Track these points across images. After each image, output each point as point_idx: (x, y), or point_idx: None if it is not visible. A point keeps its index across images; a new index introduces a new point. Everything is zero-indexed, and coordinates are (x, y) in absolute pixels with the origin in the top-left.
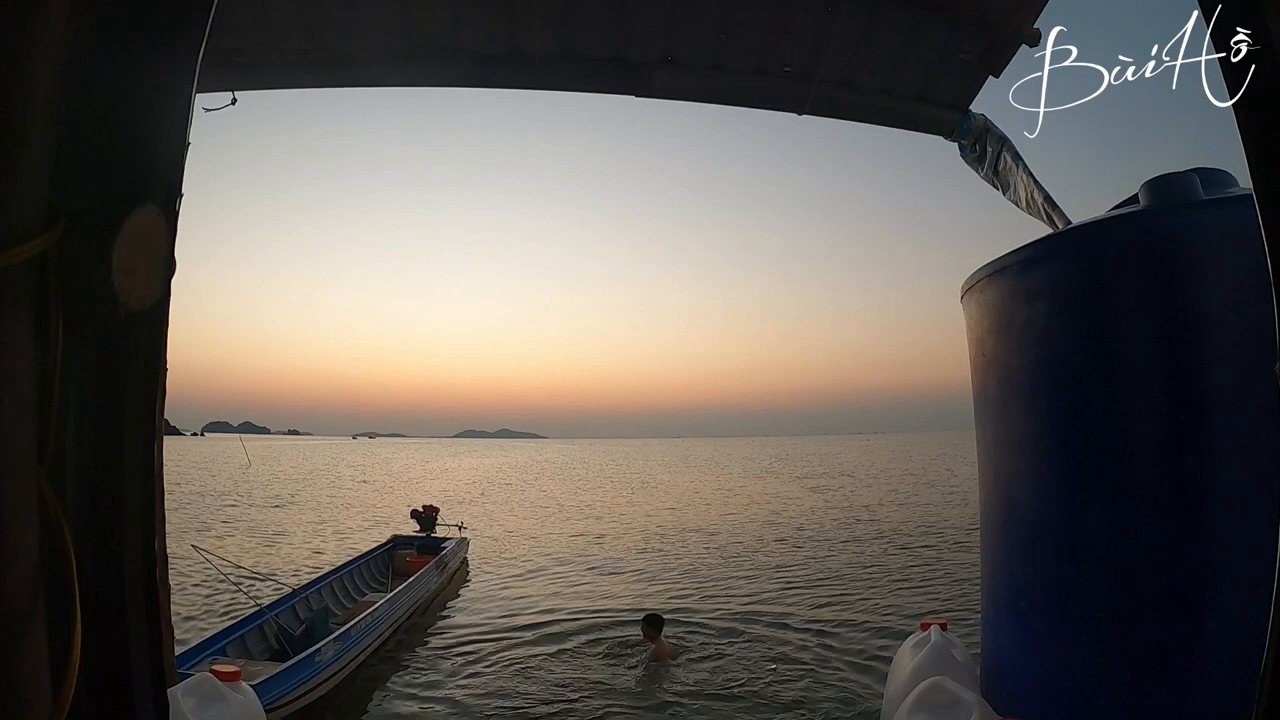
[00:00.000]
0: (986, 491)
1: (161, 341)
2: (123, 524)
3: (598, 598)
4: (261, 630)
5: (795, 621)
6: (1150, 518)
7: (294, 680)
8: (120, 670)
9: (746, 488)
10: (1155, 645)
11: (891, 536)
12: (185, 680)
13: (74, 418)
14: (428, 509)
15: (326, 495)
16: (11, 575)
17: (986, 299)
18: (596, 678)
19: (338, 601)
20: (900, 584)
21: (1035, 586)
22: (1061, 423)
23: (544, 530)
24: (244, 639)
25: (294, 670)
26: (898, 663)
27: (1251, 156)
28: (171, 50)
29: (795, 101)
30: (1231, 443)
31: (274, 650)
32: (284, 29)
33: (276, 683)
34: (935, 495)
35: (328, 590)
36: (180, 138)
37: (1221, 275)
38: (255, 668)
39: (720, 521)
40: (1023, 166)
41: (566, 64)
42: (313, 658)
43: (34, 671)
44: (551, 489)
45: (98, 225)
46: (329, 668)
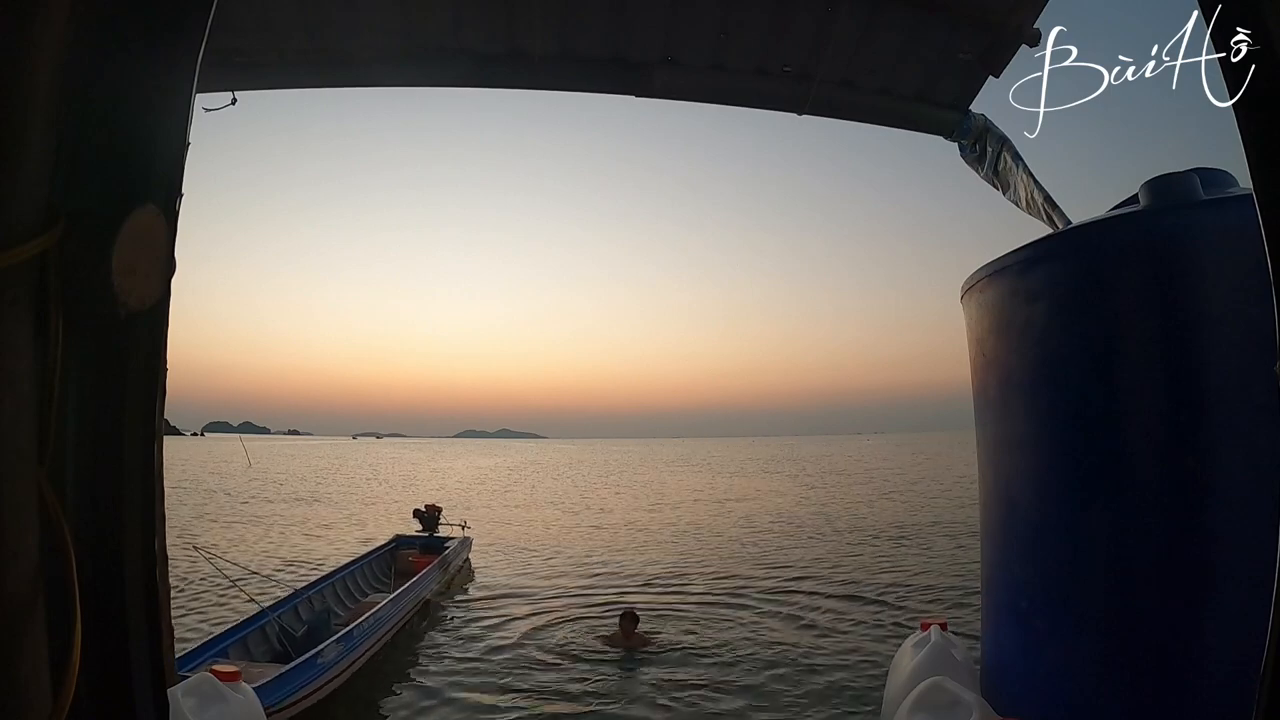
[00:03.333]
0: (986, 491)
1: (161, 341)
2: (123, 524)
3: (597, 596)
4: (263, 631)
5: (794, 620)
6: (1150, 518)
7: (296, 682)
8: (120, 670)
9: (745, 487)
10: (1155, 645)
11: (894, 533)
12: (185, 680)
13: (74, 418)
14: (430, 508)
15: (347, 492)
16: (11, 575)
17: (986, 299)
18: (591, 676)
19: (340, 602)
20: (901, 582)
21: (1035, 586)
22: (1061, 423)
23: (545, 529)
24: (245, 640)
25: (297, 672)
26: (897, 663)
27: (1251, 156)
28: (171, 50)
29: (795, 101)
30: (1231, 443)
31: (276, 651)
32: (284, 29)
33: (279, 685)
34: (936, 492)
35: (330, 591)
36: (180, 138)
37: (1221, 275)
38: (257, 669)
39: (720, 520)
40: (1023, 166)
41: (566, 64)
42: (315, 659)
43: (34, 671)
44: (553, 488)
45: (98, 225)
46: (332, 669)
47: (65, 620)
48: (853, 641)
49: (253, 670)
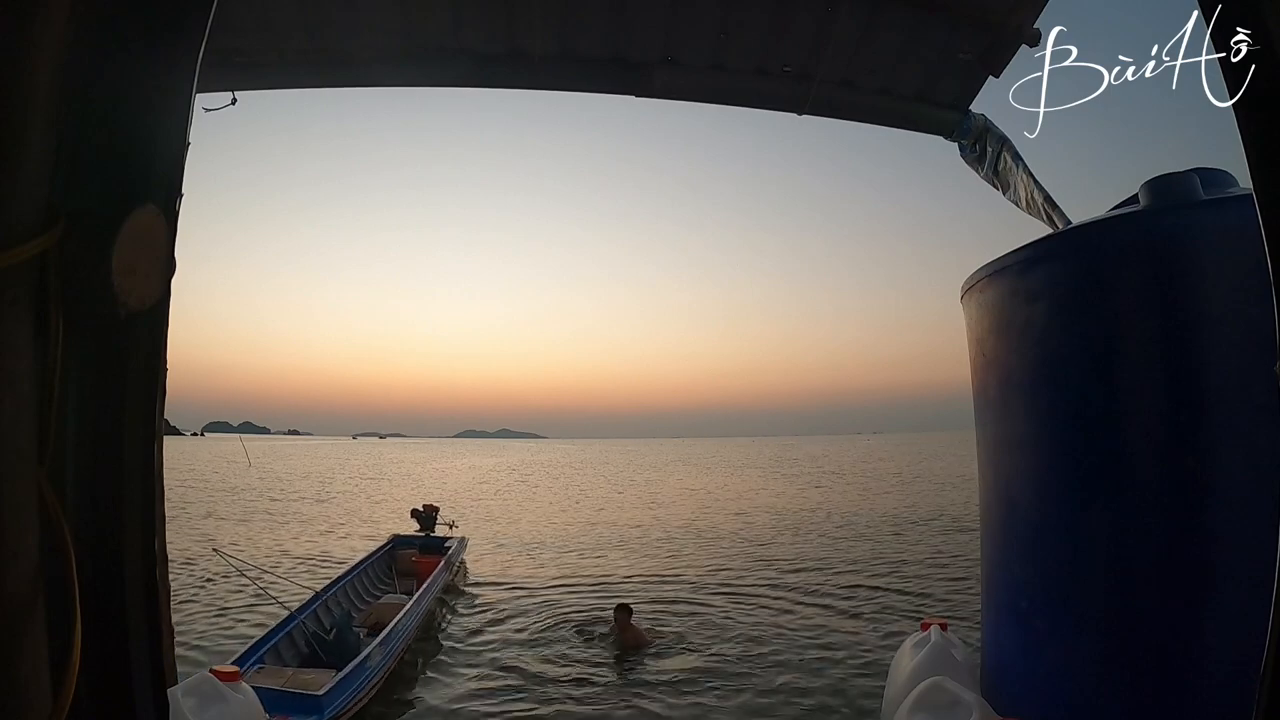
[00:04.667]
0: (986, 491)
1: (161, 341)
2: (123, 524)
3: (594, 592)
4: (291, 636)
5: (794, 620)
6: (1150, 518)
7: (354, 685)
8: (120, 670)
9: (745, 486)
10: (1155, 645)
11: (893, 532)
12: (185, 680)
13: (74, 418)
14: (428, 508)
15: (355, 490)
16: (11, 575)
17: (986, 299)
18: (589, 670)
19: (352, 604)
20: (899, 582)
21: (1035, 586)
22: (1061, 423)
23: (546, 528)
24: (278, 647)
25: (353, 676)
26: (898, 663)
27: (1251, 156)
28: (171, 50)
29: (795, 101)
30: (1231, 443)
31: (304, 655)
32: (284, 29)
33: (341, 689)
34: (936, 491)
35: (342, 594)
36: (180, 138)
37: (1221, 275)
38: (307, 675)
39: (720, 521)
40: (1023, 166)
41: (566, 64)
42: (365, 663)
43: (34, 671)
44: (553, 488)
45: (98, 225)
46: (380, 671)
47: (65, 620)
48: (852, 641)
49: (302, 676)
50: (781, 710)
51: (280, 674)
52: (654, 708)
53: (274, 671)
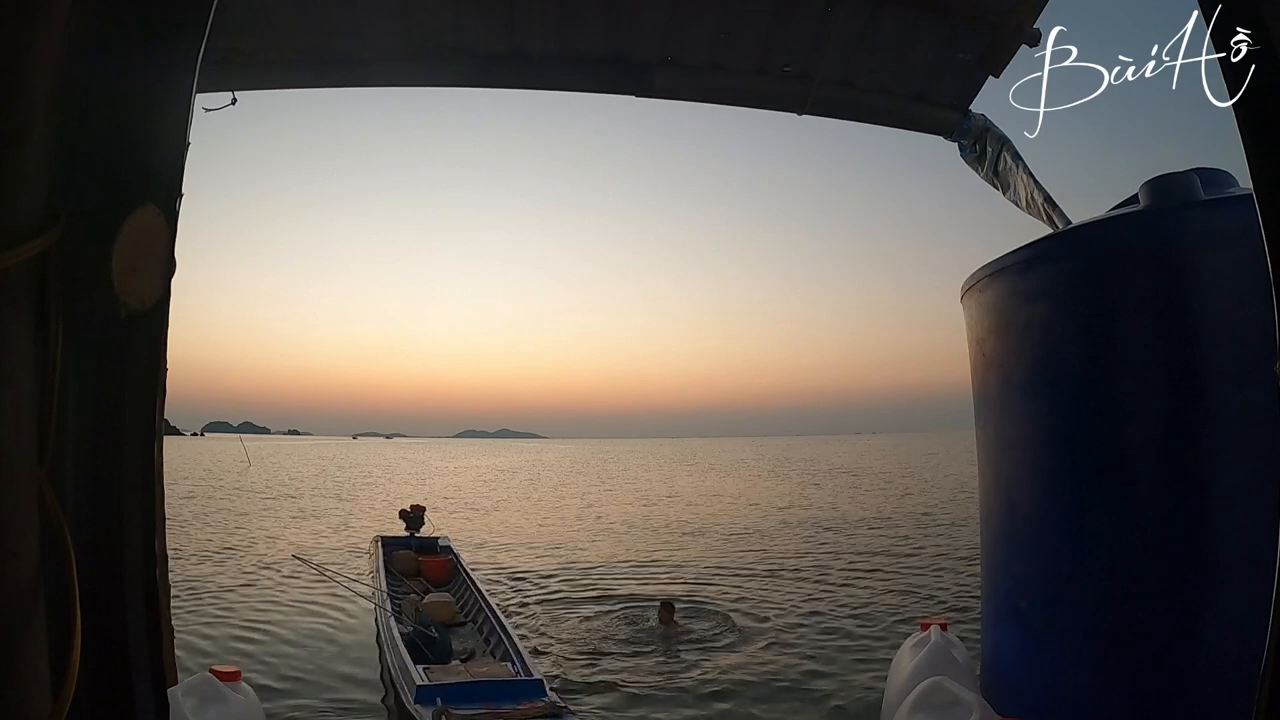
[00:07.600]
0: (986, 491)
1: (161, 341)
2: (123, 524)
3: (592, 591)
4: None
5: (794, 618)
6: (1150, 517)
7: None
8: (120, 670)
9: (745, 485)
10: (1155, 645)
11: (893, 532)
12: (185, 680)
13: (74, 418)
14: (415, 509)
15: (370, 489)
16: (11, 575)
17: (986, 299)
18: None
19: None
20: (900, 581)
21: (1035, 587)
22: (1061, 423)
23: (548, 525)
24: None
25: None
26: (897, 663)
27: (1251, 156)
28: (171, 50)
29: (795, 101)
30: (1232, 443)
31: (419, 654)
32: (284, 29)
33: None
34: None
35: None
36: (180, 138)
37: (1221, 275)
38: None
39: (720, 519)
40: (1023, 166)
41: (566, 64)
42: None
43: (34, 671)
44: (553, 488)
45: (98, 225)
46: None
47: (65, 620)
48: (852, 640)
49: (479, 668)
50: (781, 710)
51: (449, 670)
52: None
53: (435, 669)
